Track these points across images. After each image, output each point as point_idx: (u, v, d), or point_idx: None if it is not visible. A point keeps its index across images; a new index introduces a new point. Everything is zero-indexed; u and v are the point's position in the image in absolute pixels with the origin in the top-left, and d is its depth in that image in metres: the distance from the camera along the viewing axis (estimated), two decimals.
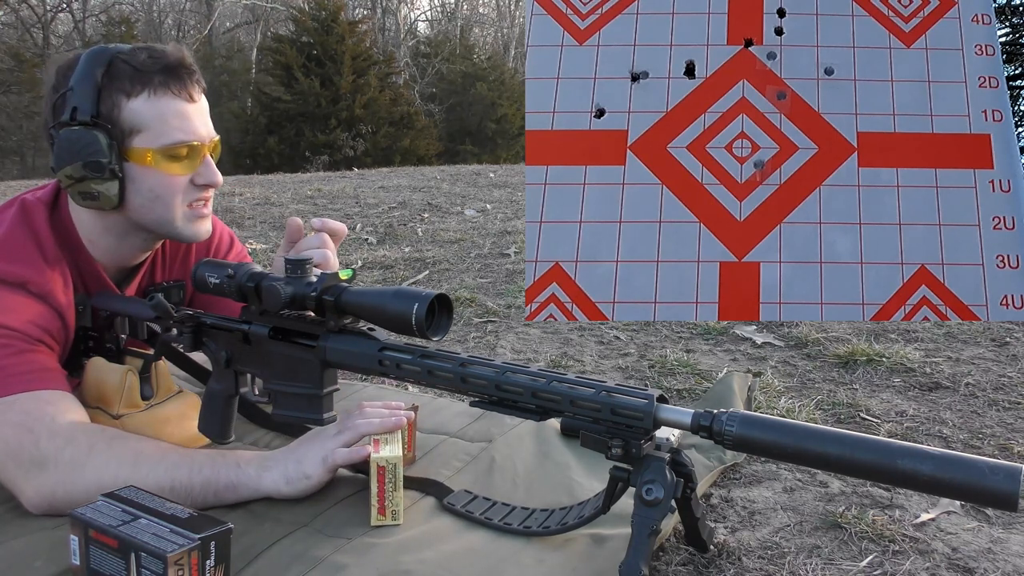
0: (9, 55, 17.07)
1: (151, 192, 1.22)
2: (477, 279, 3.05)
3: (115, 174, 1.19)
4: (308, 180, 7.21)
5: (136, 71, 1.19)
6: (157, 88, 1.19)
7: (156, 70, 1.19)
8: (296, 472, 1.15)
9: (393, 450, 1.15)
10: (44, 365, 1.18)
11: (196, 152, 1.23)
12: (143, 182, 1.21)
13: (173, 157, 1.21)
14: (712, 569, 1.11)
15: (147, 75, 1.19)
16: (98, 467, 1.10)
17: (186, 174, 1.23)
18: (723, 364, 2.04)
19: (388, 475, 1.12)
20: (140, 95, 1.18)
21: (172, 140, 1.20)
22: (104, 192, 1.20)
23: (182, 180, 1.23)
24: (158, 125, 1.19)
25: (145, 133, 1.19)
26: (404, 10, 25.06)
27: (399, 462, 1.13)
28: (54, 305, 1.22)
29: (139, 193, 1.22)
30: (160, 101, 1.19)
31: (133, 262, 1.37)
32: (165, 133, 1.20)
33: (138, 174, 1.21)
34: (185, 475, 1.12)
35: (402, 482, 1.13)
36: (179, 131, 1.20)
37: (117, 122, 1.19)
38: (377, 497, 1.12)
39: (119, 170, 1.19)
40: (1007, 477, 0.78)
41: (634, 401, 0.94)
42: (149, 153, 1.19)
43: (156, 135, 1.19)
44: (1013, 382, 1.90)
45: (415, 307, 0.99)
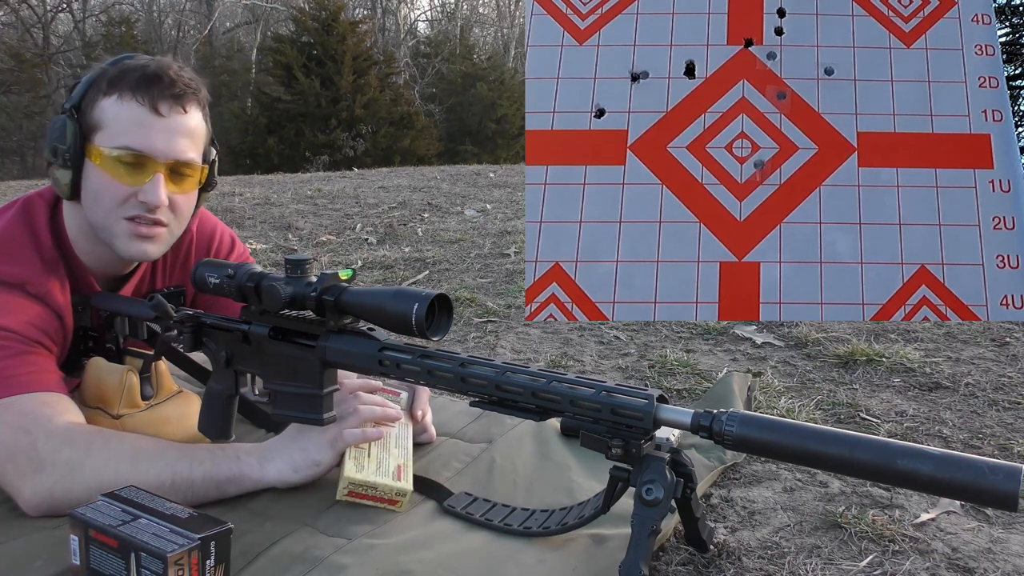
0: (9, 55, 17.07)
1: (94, 192, 1.22)
2: (477, 279, 3.05)
3: (67, 163, 1.20)
4: (308, 180, 7.21)
5: (118, 74, 1.20)
6: (124, 92, 1.19)
7: (133, 76, 1.20)
8: (304, 460, 1.15)
9: (370, 472, 1.16)
10: (41, 366, 1.18)
11: (147, 166, 1.21)
12: (90, 180, 1.22)
13: (119, 162, 1.20)
14: (712, 569, 1.11)
15: (122, 79, 1.20)
16: (97, 466, 1.09)
17: (130, 185, 1.21)
18: (723, 364, 2.04)
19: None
20: (111, 96, 1.20)
21: (119, 144, 1.19)
22: (59, 179, 1.22)
23: (123, 189, 1.21)
24: (114, 126, 1.20)
25: (102, 132, 1.20)
26: (404, 10, 25.07)
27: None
28: (52, 306, 1.22)
29: (86, 191, 1.23)
30: (124, 105, 1.20)
31: (120, 271, 1.36)
32: (116, 136, 1.20)
33: (89, 171, 1.22)
34: (185, 469, 1.11)
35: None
36: (129, 137, 1.19)
37: (87, 116, 1.21)
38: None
39: (72, 160, 1.20)
40: (1007, 477, 0.78)
41: (634, 401, 0.94)
42: (99, 152, 1.20)
43: (109, 136, 1.20)
44: (1013, 382, 1.90)
45: (415, 307, 0.99)
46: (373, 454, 1.19)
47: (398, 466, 1.18)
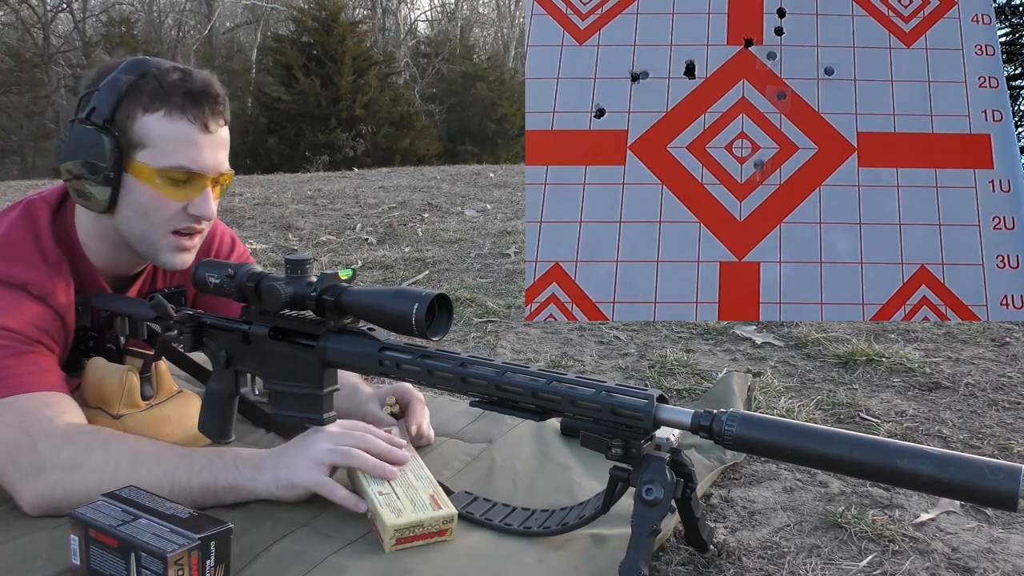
0: (9, 55, 17.08)
1: (141, 208, 1.22)
2: (477, 279, 3.05)
3: (109, 180, 1.19)
4: (308, 180, 7.21)
5: (159, 88, 1.19)
6: (173, 110, 1.19)
7: (178, 92, 1.19)
8: (285, 479, 1.13)
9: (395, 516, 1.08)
10: (42, 366, 1.18)
11: (196, 181, 1.22)
12: (137, 196, 1.21)
13: (171, 180, 1.20)
14: (712, 569, 1.11)
15: (168, 95, 1.19)
16: (96, 468, 1.10)
17: (180, 200, 1.22)
18: (723, 364, 2.04)
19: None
20: (156, 112, 1.19)
21: (173, 163, 1.20)
22: (95, 195, 1.21)
23: (174, 205, 1.22)
24: (164, 145, 1.19)
25: (150, 150, 1.19)
26: (404, 10, 25.08)
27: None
28: (54, 306, 1.22)
29: (130, 206, 1.22)
30: (173, 123, 1.19)
31: (129, 272, 1.37)
32: (169, 155, 1.19)
33: (134, 187, 1.21)
34: (184, 477, 1.11)
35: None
36: (183, 157, 1.20)
37: (127, 132, 1.19)
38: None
39: (113, 177, 1.20)
40: (1007, 477, 0.78)
41: (634, 401, 0.94)
42: (149, 170, 1.20)
43: (160, 154, 1.19)
44: (1013, 382, 1.90)
45: (415, 307, 0.99)
46: (402, 494, 1.13)
47: (431, 496, 1.13)
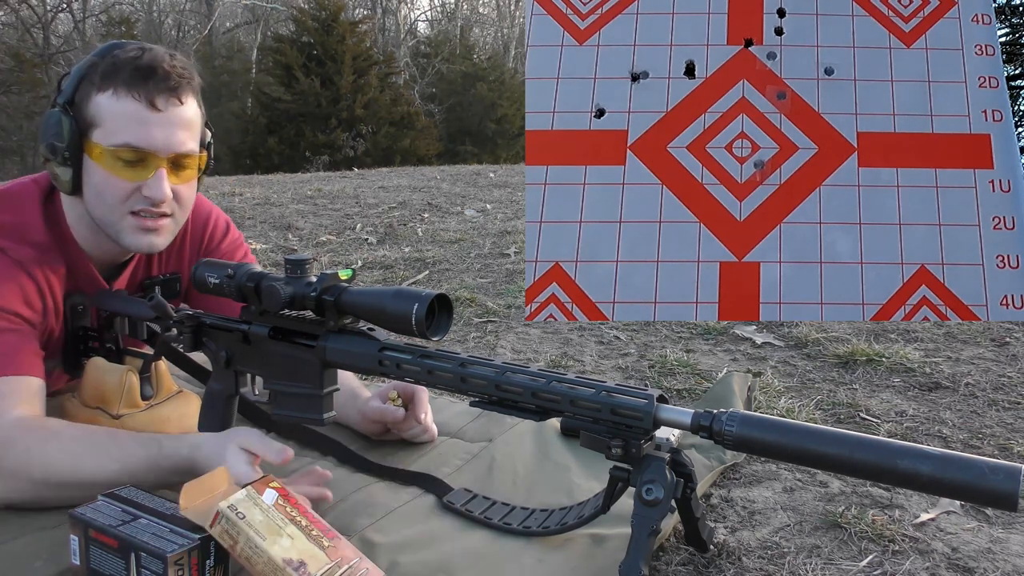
0: (9, 55, 17.07)
1: (96, 188, 1.22)
2: (477, 279, 3.05)
3: (66, 160, 1.20)
4: (308, 180, 7.21)
5: (111, 67, 1.19)
6: (119, 87, 1.18)
7: (126, 71, 1.19)
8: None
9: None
10: (13, 346, 1.18)
11: (149, 161, 1.21)
12: (92, 176, 1.22)
13: (120, 160, 1.19)
14: (712, 569, 1.11)
15: (115, 73, 1.19)
16: (44, 462, 1.11)
17: (132, 181, 1.21)
18: (723, 364, 2.04)
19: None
20: (106, 91, 1.19)
21: (120, 141, 1.19)
22: (60, 176, 1.22)
23: (126, 185, 1.21)
24: (112, 123, 1.19)
25: (100, 129, 1.20)
26: (404, 10, 25.07)
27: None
28: (39, 282, 1.23)
29: (89, 187, 1.23)
30: (119, 101, 1.19)
31: (117, 259, 1.37)
32: (116, 133, 1.19)
33: (90, 168, 1.21)
34: (135, 459, 1.12)
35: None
36: (130, 135, 1.19)
37: (83, 112, 1.20)
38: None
39: (70, 157, 1.20)
40: (1007, 477, 0.78)
41: (634, 401, 0.94)
42: (100, 149, 1.20)
43: (108, 133, 1.19)
44: (1013, 382, 1.90)
45: (415, 307, 0.99)
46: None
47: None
